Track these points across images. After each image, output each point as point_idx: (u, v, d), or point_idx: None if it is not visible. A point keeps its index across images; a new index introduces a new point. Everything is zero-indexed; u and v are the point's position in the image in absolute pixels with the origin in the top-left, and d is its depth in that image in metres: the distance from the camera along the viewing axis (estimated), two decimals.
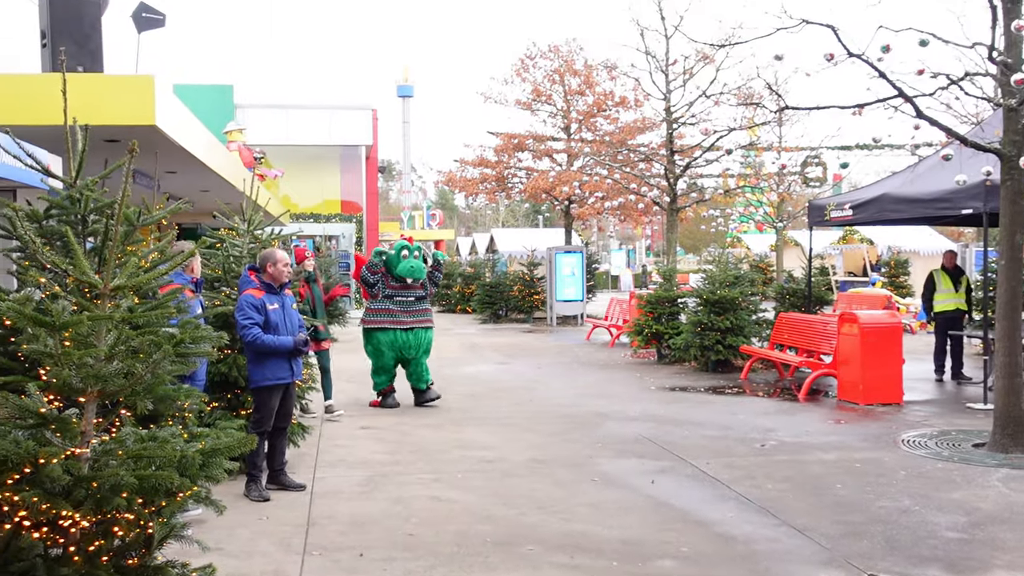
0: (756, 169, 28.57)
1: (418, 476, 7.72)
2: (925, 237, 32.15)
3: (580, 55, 27.56)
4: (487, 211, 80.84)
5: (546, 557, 5.63)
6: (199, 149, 10.60)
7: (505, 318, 25.95)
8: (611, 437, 9.28)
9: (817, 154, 27.33)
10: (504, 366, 15.35)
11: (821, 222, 13.94)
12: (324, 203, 30.08)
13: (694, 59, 19.36)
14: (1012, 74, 8.18)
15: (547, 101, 27.76)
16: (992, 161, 9.02)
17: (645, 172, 22.16)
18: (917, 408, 10.85)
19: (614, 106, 27.02)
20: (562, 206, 28.18)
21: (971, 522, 6.28)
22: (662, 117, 19.98)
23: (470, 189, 29.38)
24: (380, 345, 11.13)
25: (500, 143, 28.28)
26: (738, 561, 5.56)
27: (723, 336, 13.93)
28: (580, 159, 27.05)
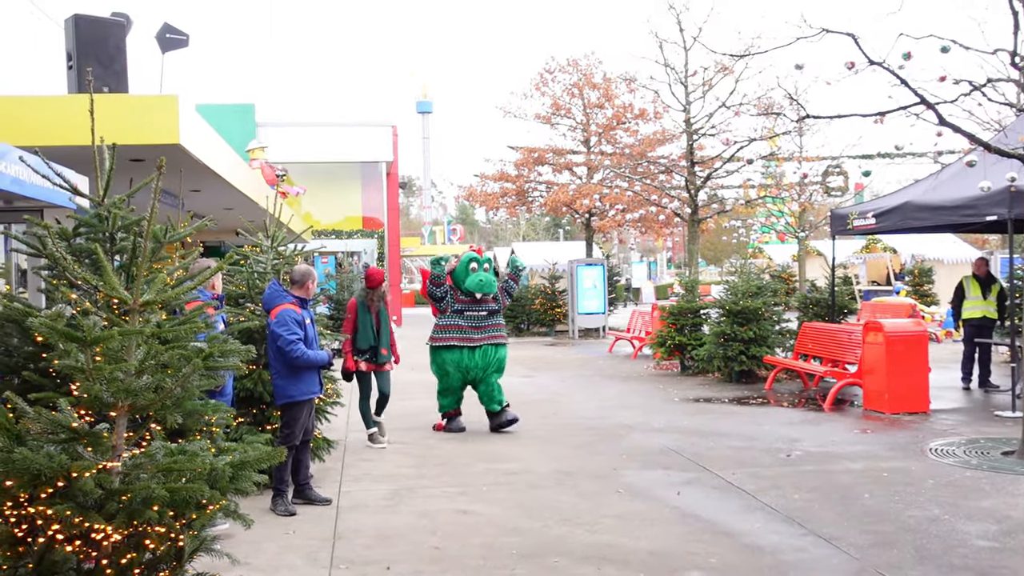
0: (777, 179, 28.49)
1: (443, 489, 7.73)
2: (949, 245, 31.88)
3: (599, 68, 27.62)
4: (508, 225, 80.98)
5: (572, 569, 5.62)
6: (222, 167, 10.71)
7: (527, 332, 25.95)
8: (636, 449, 9.26)
9: (838, 163, 27.20)
10: (527, 379, 15.34)
11: (844, 231, 13.87)
12: (346, 219, 30.22)
13: (713, 70, 19.36)
14: None
15: (566, 115, 27.82)
16: (1016, 167, 8.97)
17: (665, 184, 22.16)
18: (944, 417, 10.75)
19: (633, 118, 27.04)
20: (583, 219, 28.18)
21: (1002, 530, 6.22)
22: (682, 129, 19.98)
23: (491, 203, 29.44)
24: (445, 364, 10.40)
25: (520, 157, 28.36)
26: (766, 572, 5.53)
27: (746, 347, 13.87)
28: (600, 172, 27.07)
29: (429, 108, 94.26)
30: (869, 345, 11.32)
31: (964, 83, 8.52)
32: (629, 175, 22.79)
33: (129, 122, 8.12)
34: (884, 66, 8.41)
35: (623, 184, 24.37)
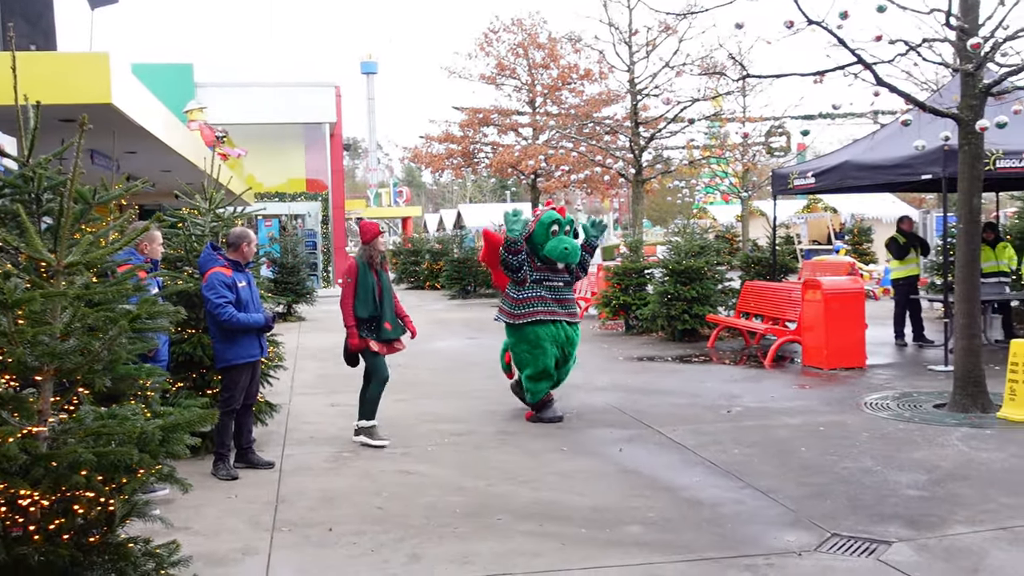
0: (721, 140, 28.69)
1: (388, 451, 7.73)
2: (888, 204, 32.47)
3: (544, 28, 27.47)
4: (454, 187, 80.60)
5: (515, 526, 5.67)
6: (158, 128, 10.46)
7: (474, 294, 25.93)
8: (580, 407, 9.33)
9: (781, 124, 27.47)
10: (473, 340, 15.35)
11: (785, 191, 14.03)
12: (289, 182, 29.81)
13: (657, 30, 19.35)
14: (968, 39, 8.26)
15: (511, 75, 27.65)
16: (950, 126, 9.11)
17: (610, 144, 22.17)
18: (880, 372, 11.00)
19: (579, 79, 26.97)
20: (528, 180, 28.16)
21: (931, 480, 6.40)
22: (626, 89, 19.95)
23: (436, 165, 29.26)
24: (541, 340, 8.68)
25: (465, 118, 28.18)
26: (704, 525, 5.63)
27: (690, 306, 14.02)
28: (546, 133, 26.99)
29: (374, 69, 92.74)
30: (808, 303, 11.52)
31: (900, 43, 8.60)
32: (574, 136, 22.75)
33: (58, 81, 7.87)
34: (822, 25, 8.45)
35: (568, 145, 24.35)
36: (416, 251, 31.87)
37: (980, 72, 8.57)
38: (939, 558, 4.93)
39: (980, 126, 8.35)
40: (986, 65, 8.72)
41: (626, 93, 20.33)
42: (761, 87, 25.53)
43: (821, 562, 4.95)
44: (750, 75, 10.17)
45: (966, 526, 5.42)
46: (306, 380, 11.58)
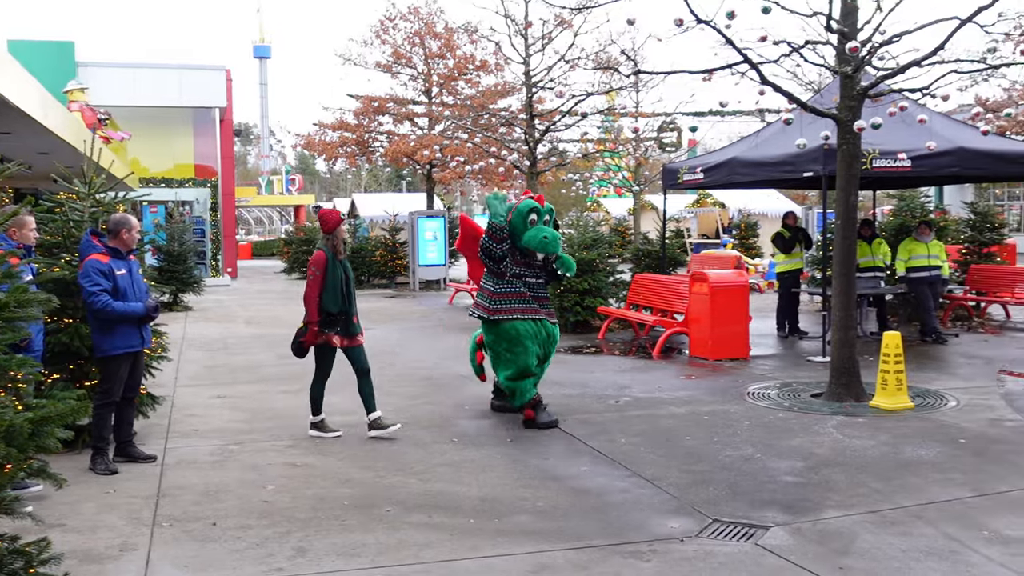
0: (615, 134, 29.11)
1: (275, 443, 7.61)
2: (772, 200, 33.51)
3: (440, 18, 27.31)
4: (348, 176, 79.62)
5: (404, 517, 5.65)
6: (34, 108, 10.02)
7: (367, 284, 25.70)
8: (472, 398, 9.36)
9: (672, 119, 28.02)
10: (366, 331, 15.18)
11: (674, 185, 14.33)
12: (176, 167, 28.90)
13: (552, 23, 19.48)
14: (847, 42, 8.58)
15: (407, 64, 27.42)
16: (831, 126, 9.46)
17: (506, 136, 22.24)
18: (762, 362, 11.37)
19: (475, 70, 26.93)
20: (424, 170, 28.02)
21: (807, 466, 6.66)
22: (522, 81, 20.04)
23: (330, 153, 28.82)
24: (522, 338, 8.08)
25: (360, 106, 27.82)
26: (591, 513, 5.72)
27: (581, 297, 14.21)
28: (441, 123, 26.90)
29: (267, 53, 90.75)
30: (695, 295, 11.81)
31: (784, 44, 8.88)
32: (470, 127, 22.74)
33: None
34: (711, 25, 8.65)
35: (464, 136, 24.32)
36: (309, 240, 31.37)
37: (858, 75, 8.92)
38: (813, 541, 5.14)
39: (857, 126, 8.69)
40: (864, 68, 9.09)
41: (521, 85, 20.42)
42: (653, 83, 26.03)
43: (702, 547, 5.09)
44: (642, 71, 10.36)
45: (838, 510, 5.66)
46: (192, 372, 11.29)
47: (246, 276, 31.97)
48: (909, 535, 5.19)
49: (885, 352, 8.56)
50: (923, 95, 9.37)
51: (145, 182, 26.36)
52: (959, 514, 5.54)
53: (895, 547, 5.00)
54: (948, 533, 5.20)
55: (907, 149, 10.91)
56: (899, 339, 8.63)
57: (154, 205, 27.22)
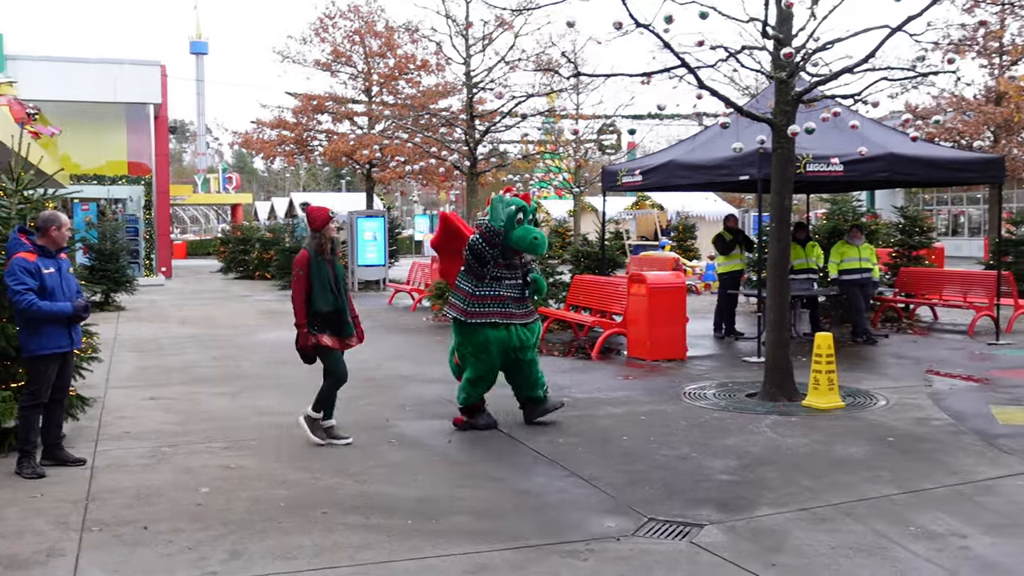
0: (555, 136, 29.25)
1: (209, 445, 7.49)
2: (710, 203, 33.97)
3: (381, 16, 27.19)
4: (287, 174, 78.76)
5: (340, 519, 5.60)
6: None
7: None
8: (411, 399, 9.33)
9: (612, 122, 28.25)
10: None
11: (614, 187, 14.44)
12: (108, 164, 28.28)
13: (493, 24, 19.50)
14: (782, 48, 8.74)
15: (347, 62, 27.24)
16: (766, 130, 9.61)
17: (446, 137, 22.20)
18: (699, 363, 11.52)
19: (416, 69, 26.85)
20: (363, 170, 27.83)
21: (741, 465, 6.76)
22: (462, 82, 20.03)
23: (268, 151, 28.50)
24: (490, 345, 7.90)
25: (299, 104, 27.55)
26: (529, 512, 5.74)
27: None
28: (381, 122, 26.76)
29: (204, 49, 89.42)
30: (633, 296, 11.92)
31: (721, 49, 9.00)
32: (410, 127, 22.65)
33: None
34: (649, 28, 8.73)
35: (404, 136, 24.22)
36: (246, 239, 30.98)
37: (793, 80, 9.08)
38: (746, 539, 5.22)
39: (791, 131, 8.85)
40: (798, 74, 9.26)
41: (462, 86, 20.41)
42: (594, 85, 26.22)
43: (638, 546, 5.14)
44: (582, 73, 10.43)
45: (771, 508, 5.76)
46: (124, 373, 11.06)
47: (181, 276, 31.41)
48: (839, 532, 5.30)
49: (817, 353, 8.73)
50: (855, 101, 9.59)
51: (76, 179, 25.74)
52: (887, 511, 5.67)
53: (825, 544, 5.10)
54: (876, 529, 5.32)
55: (840, 154, 11.14)
56: (831, 340, 8.81)
57: (85, 203, 26.58)
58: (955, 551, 4.98)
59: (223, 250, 33.63)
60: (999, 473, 6.50)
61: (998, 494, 6.01)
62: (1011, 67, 22.72)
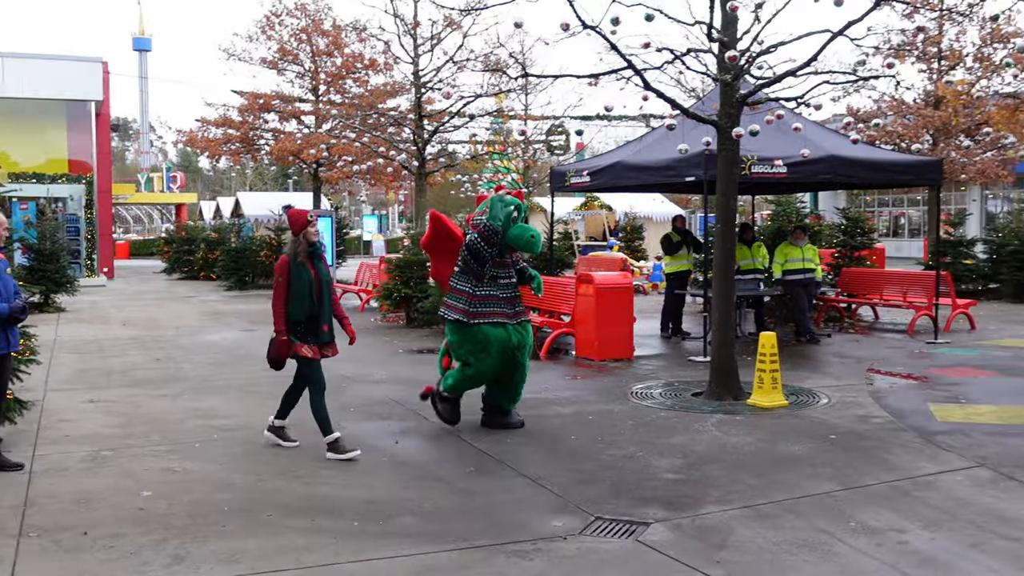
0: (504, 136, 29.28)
1: (152, 448, 7.36)
2: (658, 204, 34.25)
3: (328, 15, 26.96)
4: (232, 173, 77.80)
5: (286, 522, 5.55)
6: None
7: (252, 284, 25.15)
8: (357, 400, 9.27)
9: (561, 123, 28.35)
10: (250, 333, 14.89)
11: (562, 188, 14.50)
12: (48, 162, 27.68)
13: (441, 24, 19.46)
14: (727, 51, 8.84)
15: (294, 61, 26.96)
16: (712, 132, 9.72)
17: (395, 136, 22.09)
18: (646, 363, 11.60)
19: (363, 68, 26.66)
20: (310, 169, 27.60)
21: (687, 463, 6.83)
22: (411, 81, 19.96)
23: (213, 150, 28.10)
24: (490, 345, 7.76)
25: (245, 103, 27.21)
26: (476, 513, 5.73)
27: None
28: (329, 122, 26.54)
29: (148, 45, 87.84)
30: (581, 297, 11.97)
31: (666, 51, 9.08)
32: (358, 126, 22.51)
33: None
34: (596, 30, 8.78)
35: (352, 135, 24.05)
36: (190, 239, 30.55)
37: (737, 83, 9.19)
38: (691, 536, 5.27)
39: (736, 133, 8.96)
40: (743, 76, 9.37)
41: (411, 85, 20.34)
42: (542, 86, 26.29)
43: (584, 545, 5.16)
44: (529, 74, 10.46)
45: (716, 505, 5.82)
46: (63, 375, 10.83)
47: (123, 276, 30.86)
48: (782, 528, 5.38)
49: (761, 352, 8.85)
50: (798, 104, 9.74)
51: (14, 177, 25.13)
52: (828, 507, 5.77)
53: (769, 540, 5.17)
54: (818, 525, 5.41)
55: (783, 156, 11.30)
56: (775, 339, 8.93)
57: (24, 201, 25.95)
58: (894, 546, 5.08)
59: (167, 250, 33.11)
60: (937, 469, 6.64)
61: (936, 490, 6.14)
62: (949, 72, 23.25)
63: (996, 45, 16.33)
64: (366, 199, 65.87)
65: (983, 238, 21.09)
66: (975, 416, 8.34)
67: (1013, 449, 7.14)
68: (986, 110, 17.23)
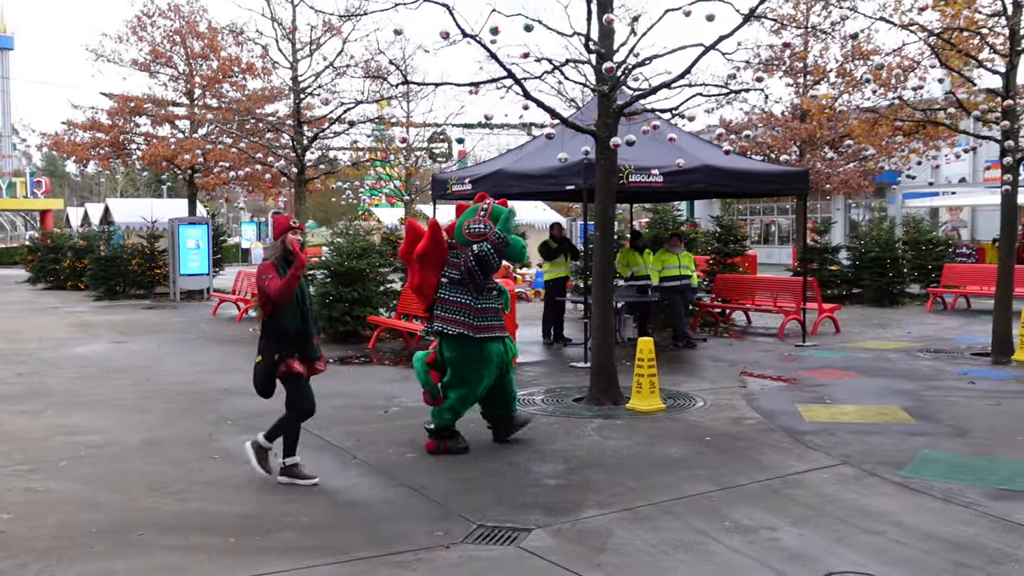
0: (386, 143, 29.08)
1: (14, 468, 7.00)
2: (539, 212, 34.61)
3: (204, 17, 26.23)
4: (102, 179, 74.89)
5: (159, 540, 5.36)
6: None
7: (123, 294, 24.23)
8: (236, 412, 9.04)
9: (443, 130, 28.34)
10: (120, 345, 14.34)
11: (444, 195, 14.47)
12: None
13: (321, 29, 19.19)
14: (604, 62, 9.01)
15: (167, 63, 26.12)
16: (590, 142, 9.88)
17: (273, 142, 21.64)
18: (528, 369, 11.69)
19: (241, 72, 26.01)
20: (185, 175, 26.79)
21: (568, 468, 6.91)
22: (290, 87, 19.60)
23: (80, 155, 26.96)
24: (491, 361, 7.54)
25: (115, 106, 26.21)
26: (358, 524, 5.66)
27: (351, 307, 14.07)
28: (204, 126, 25.81)
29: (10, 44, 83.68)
30: None
31: (545, 61, 9.20)
32: (235, 131, 21.96)
33: None
34: (476, 39, 8.82)
35: (228, 140, 23.46)
36: (57, 247, 29.24)
37: (615, 94, 9.38)
38: (572, 541, 5.33)
39: (613, 143, 9.14)
40: (620, 87, 9.57)
41: (289, 91, 19.98)
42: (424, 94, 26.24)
43: (467, 553, 5.16)
44: (410, 82, 10.42)
45: (596, 509, 5.91)
46: None
47: None
48: (660, 530, 5.50)
49: (639, 357, 9.03)
50: (673, 115, 10.01)
51: None
52: (704, 508, 5.93)
53: (647, 542, 5.28)
54: (694, 526, 5.55)
55: (660, 165, 11.58)
56: (652, 344, 9.14)
57: None
58: (766, 543, 5.26)
59: (31, 259, 31.56)
60: (806, 467, 6.91)
61: (805, 487, 6.39)
62: (814, 86, 24.29)
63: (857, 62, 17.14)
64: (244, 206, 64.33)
65: (847, 245, 22.09)
66: (840, 416, 8.71)
67: (874, 447, 7.49)
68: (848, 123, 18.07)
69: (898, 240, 21.07)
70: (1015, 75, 11.70)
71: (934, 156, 17.15)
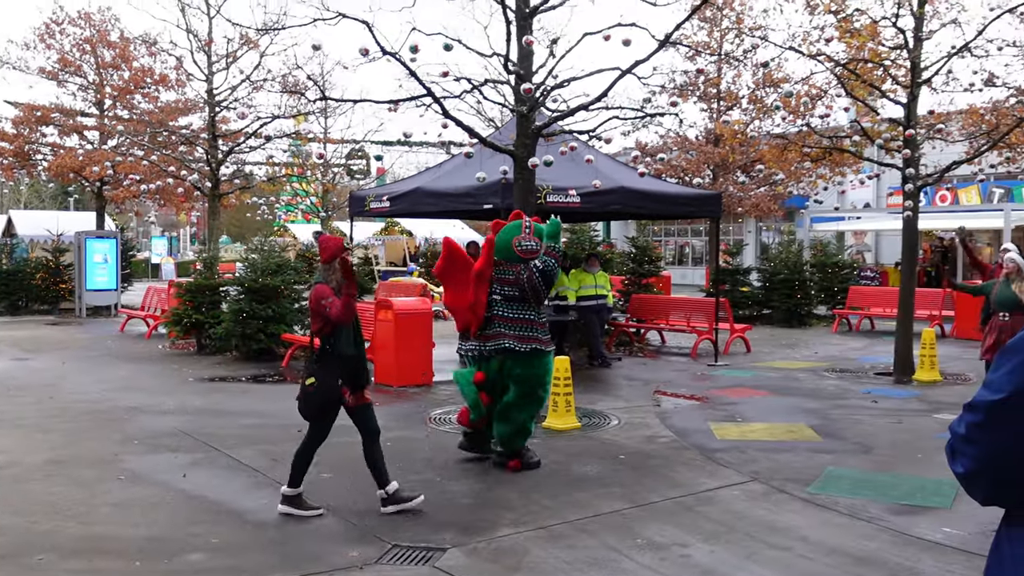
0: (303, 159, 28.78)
1: None
2: (458, 231, 34.62)
3: (116, 26, 25.61)
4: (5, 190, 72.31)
5: (60, 565, 5.19)
6: None
7: (25, 309, 23.41)
8: (143, 432, 8.79)
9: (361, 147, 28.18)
10: (22, 362, 13.84)
11: (361, 212, 14.40)
12: None
13: (238, 42, 18.95)
14: (523, 83, 9.11)
15: (77, 72, 25.42)
16: (508, 161, 9.97)
17: (187, 156, 21.23)
18: (444, 388, 11.64)
19: (153, 84, 25.46)
20: (93, 188, 26.06)
21: (484, 487, 6.92)
22: (204, 100, 19.28)
23: None
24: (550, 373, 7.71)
25: (20, 115, 25.37)
26: (270, 546, 5.57)
27: (265, 324, 13.84)
28: (115, 138, 25.16)
29: None
30: (380, 322, 11.90)
31: (464, 81, 9.26)
32: (147, 144, 21.48)
33: None
34: (396, 57, 8.84)
35: (140, 153, 22.92)
36: None
37: (533, 114, 9.49)
38: (487, 559, 5.33)
39: (531, 163, 9.24)
40: (539, 108, 9.69)
41: (204, 104, 19.65)
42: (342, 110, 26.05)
43: (381, 573, 5.12)
44: (328, 97, 10.37)
45: (512, 528, 5.92)
46: None
47: None
48: (574, 547, 5.54)
49: (555, 376, 9.09)
50: (591, 137, 10.17)
51: None
52: (618, 525, 5.99)
53: (561, 560, 5.31)
54: (608, 543, 5.61)
55: (577, 186, 11.71)
56: (568, 363, 9.21)
57: None
58: (677, 560, 5.34)
59: None
60: (717, 484, 7.05)
61: (716, 504, 6.51)
62: (727, 112, 24.92)
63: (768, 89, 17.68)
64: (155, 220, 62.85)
65: (757, 267, 22.63)
66: (750, 433, 8.91)
67: (783, 464, 7.68)
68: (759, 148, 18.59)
69: (806, 263, 21.68)
70: (916, 105, 12.22)
71: (840, 182, 17.74)
